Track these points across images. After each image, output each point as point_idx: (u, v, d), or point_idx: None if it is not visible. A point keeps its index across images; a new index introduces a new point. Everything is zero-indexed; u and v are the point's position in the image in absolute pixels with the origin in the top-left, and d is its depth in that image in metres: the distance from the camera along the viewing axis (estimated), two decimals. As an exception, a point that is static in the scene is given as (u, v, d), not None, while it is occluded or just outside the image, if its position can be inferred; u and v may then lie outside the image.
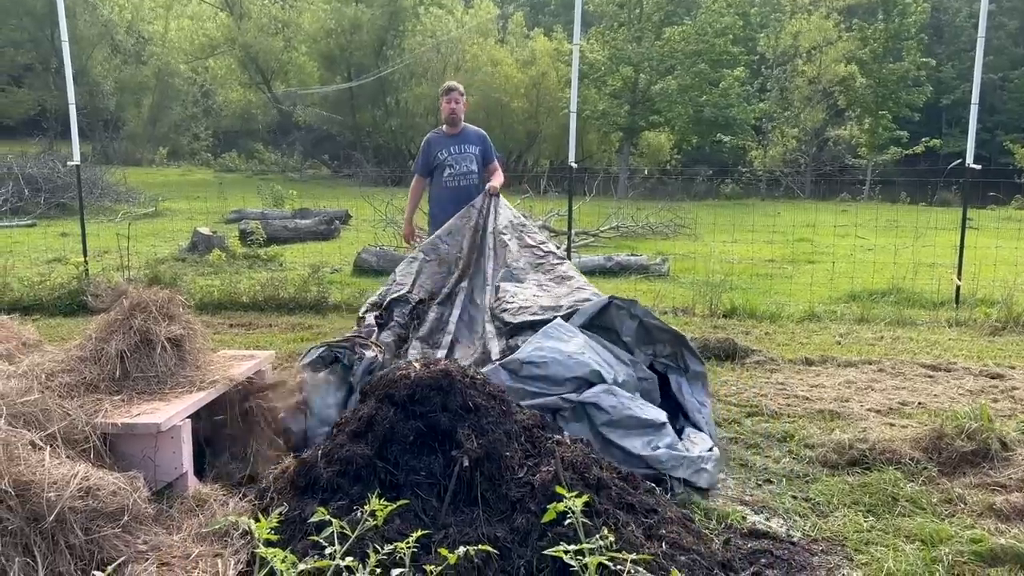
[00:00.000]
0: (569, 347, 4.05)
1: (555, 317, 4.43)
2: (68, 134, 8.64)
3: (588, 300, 4.66)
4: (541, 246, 5.34)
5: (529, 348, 4.06)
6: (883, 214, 15.78)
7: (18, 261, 10.35)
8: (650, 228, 15.20)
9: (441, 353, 4.60)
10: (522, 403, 3.54)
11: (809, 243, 13.27)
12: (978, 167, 7.81)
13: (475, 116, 31.49)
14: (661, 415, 3.93)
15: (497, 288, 4.97)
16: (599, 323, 4.44)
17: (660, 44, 28.46)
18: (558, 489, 2.02)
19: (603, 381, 3.92)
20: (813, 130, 30.86)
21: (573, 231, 9.28)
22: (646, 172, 28.60)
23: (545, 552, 2.16)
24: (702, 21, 27.82)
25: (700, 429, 4.12)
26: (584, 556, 1.78)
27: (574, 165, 8.31)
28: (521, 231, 5.42)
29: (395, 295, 5.01)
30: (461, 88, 6.14)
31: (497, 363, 4.05)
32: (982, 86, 7.72)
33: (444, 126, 6.13)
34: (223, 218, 15.92)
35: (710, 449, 3.89)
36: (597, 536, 1.92)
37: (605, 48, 29.01)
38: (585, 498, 2.01)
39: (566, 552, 1.80)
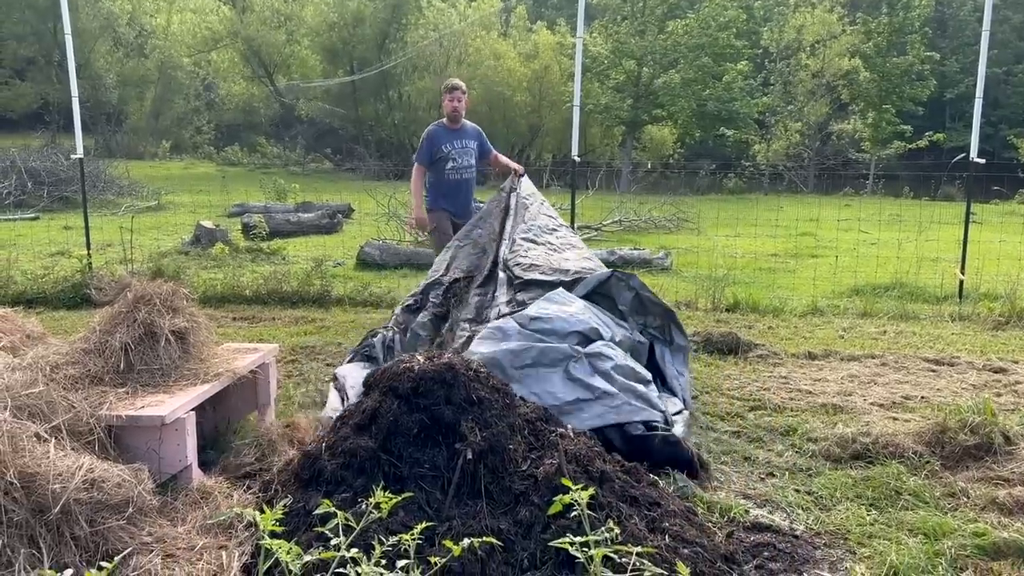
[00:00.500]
0: (570, 309, 4.49)
1: (562, 281, 4.90)
2: (71, 127, 8.64)
3: (593, 269, 5.17)
4: (557, 218, 5.99)
5: (535, 308, 4.47)
6: (886, 208, 15.76)
7: (21, 254, 10.36)
8: (653, 222, 15.19)
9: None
10: (535, 346, 4.12)
11: (812, 237, 13.25)
12: (982, 161, 7.79)
13: (477, 109, 31.44)
14: (648, 374, 4.36)
15: (514, 241, 5.46)
16: (600, 292, 4.94)
17: (663, 37, 28.39)
18: (564, 481, 2.02)
19: (601, 338, 4.36)
20: (816, 124, 30.78)
21: (576, 225, 9.26)
22: (649, 166, 28.55)
23: (551, 544, 2.16)
24: (705, 14, 27.73)
25: (675, 395, 4.55)
26: (590, 548, 1.78)
27: (577, 159, 8.29)
28: (542, 202, 6.06)
29: (429, 280, 5.49)
30: (464, 87, 6.45)
31: (508, 316, 4.44)
32: (986, 80, 7.69)
33: (445, 120, 6.39)
34: (226, 212, 15.92)
35: (679, 411, 4.32)
36: (603, 528, 1.92)
37: (608, 41, 28.95)
38: (591, 491, 2.01)
39: (572, 544, 1.81)
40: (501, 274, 5.19)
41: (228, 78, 36.48)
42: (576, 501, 1.85)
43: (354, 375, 4.51)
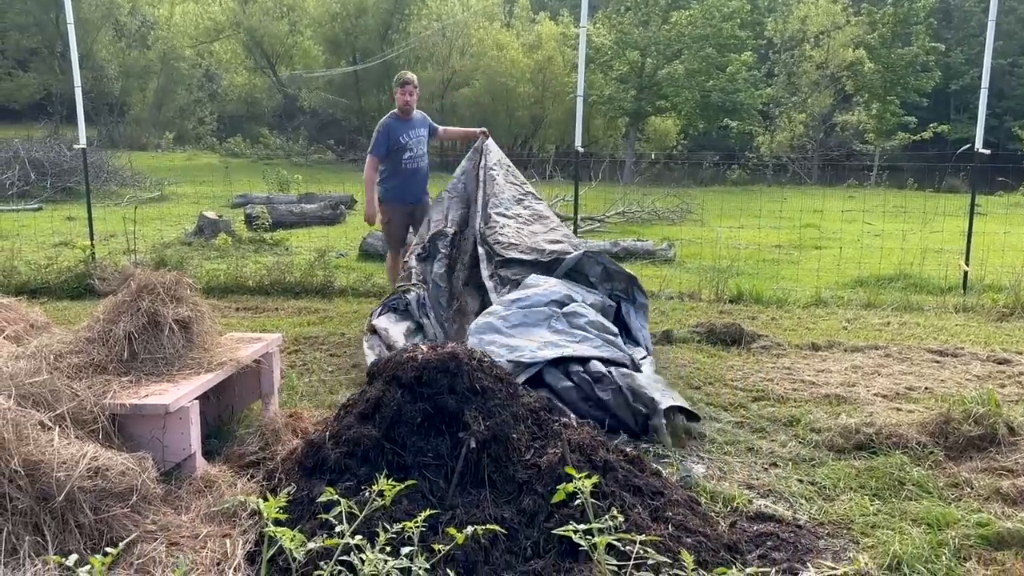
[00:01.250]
0: (545, 286, 5.43)
1: (539, 261, 5.79)
2: (73, 118, 8.64)
3: (561, 241, 6.02)
4: (523, 185, 6.62)
5: (515, 294, 5.34)
6: (890, 200, 15.71)
7: (25, 245, 10.36)
8: (656, 214, 15.17)
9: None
10: (521, 311, 5.07)
11: (816, 229, 13.23)
12: (987, 152, 7.76)
13: (481, 101, 31.46)
14: (616, 329, 5.26)
15: (489, 216, 6.18)
16: (575, 270, 5.84)
17: (667, 28, 28.29)
18: (568, 470, 2.02)
19: (574, 301, 5.32)
20: (820, 115, 30.68)
21: (579, 217, 9.25)
22: (652, 157, 28.48)
23: (555, 532, 2.16)
24: (709, 5, 27.61)
25: (639, 344, 5.45)
26: (593, 536, 1.78)
27: (581, 150, 8.26)
28: (507, 169, 6.66)
29: (434, 231, 6.23)
30: (415, 81, 6.73)
31: (494, 305, 5.28)
32: (993, 72, 7.65)
33: (397, 111, 6.66)
34: (229, 202, 15.91)
35: (644, 357, 5.23)
36: (606, 517, 1.92)
37: (611, 32, 28.85)
38: (594, 479, 2.01)
39: (575, 532, 1.80)
40: (481, 249, 5.98)
41: (230, 69, 36.40)
42: (580, 489, 1.85)
43: (395, 328, 5.42)
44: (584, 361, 4.69)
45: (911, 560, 3.00)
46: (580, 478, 1.90)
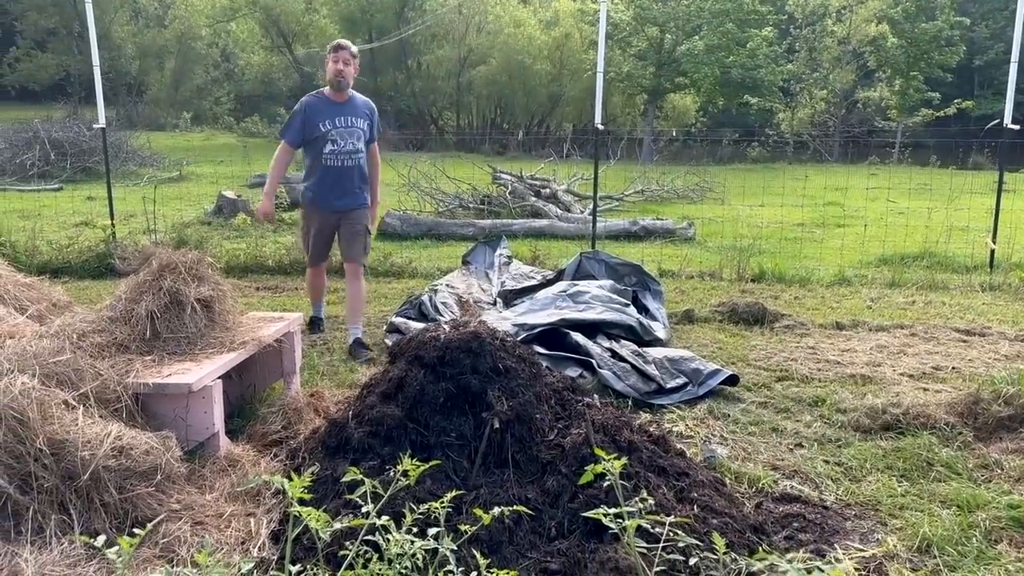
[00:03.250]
0: (546, 291, 5.82)
1: (546, 278, 6.46)
2: (92, 98, 8.64)
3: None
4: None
5: (520, 307, 5.66)
6: (914, 177, 15.49)
7: (46, 224, 10.43)
8: (675, 192, 15.03)
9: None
10: (530, 305, 5.59)
11: (839, 207, 13.06)
12: (1017, 127, 7.60)
13: (497, 79, 31.28)
14: (625, 300, 5.66)
15: (503, 283, 6.59)
16: (580, 274, 6.37)
17: (686, 3, 27.93)
18: (596, 451, 1.99)
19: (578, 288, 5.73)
20: (842, 92, 30.25)
21: (598, 195, 9.18)
22: (674, 134, 28.21)
23: (583, 515, 2.14)
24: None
25: (656, 320, 5.74)
26: (623, 519, 1.75)
27: (601, 127, 8.16)
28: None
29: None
30: (354, 49, 5.31)
31: (503, 313, 5.62)
32: (1019, 45, 7.47)
33: (327, 89, 5.33)
34: (247, 182, 15.93)
35: (664, 327, 5.62)
36: (636, 499, 1.89)
37: (630, 8, 28.53)
38: (623, 461, 1.98)
39: (605, 515, 1.78)
40: (499, 303, 6.19)
41: (247, 48, 36.38)
42: (609, 471, 1.82)
43: (414, 324, 5.45)
44: (593, 329, 5.11)
45: (941, 542, 2.96)
46: (609, 459, 1.87)
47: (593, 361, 4.65)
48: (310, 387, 4.28)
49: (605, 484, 2.70)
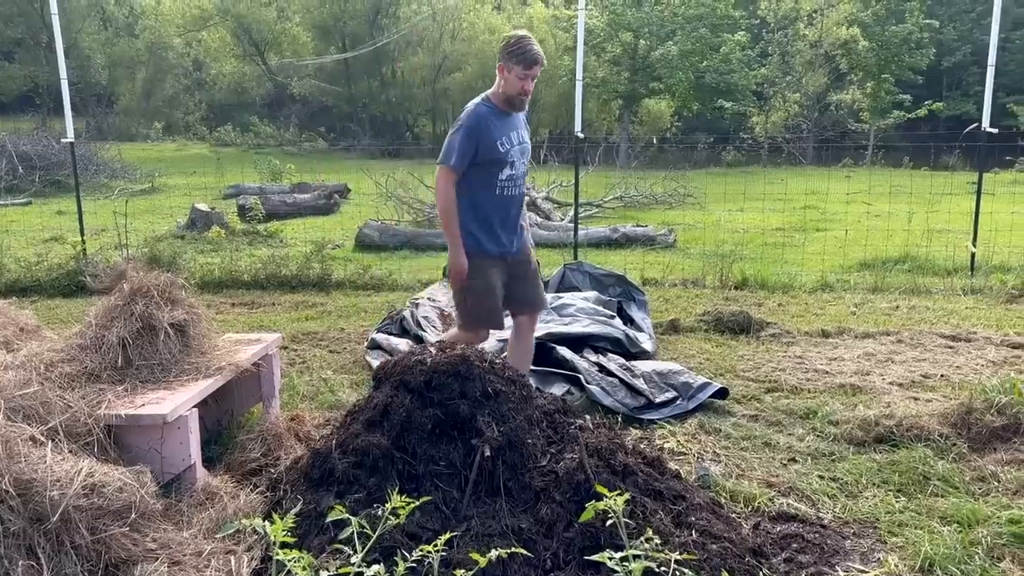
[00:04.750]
0: None
1: None
2: (61, 110, 8.42)
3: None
4: None
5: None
6: (888, 180, 15.58)
7: (14, 241, 10.19)
8: (654, 198, 15.01)
9: None
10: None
11: (817, 210, 13.09)
12: (995, 131, 7.63)
13: (473, 85, 31.13)
14: (610, 312, 5.61)
15: None
16: (564, 286, 6.29)
17: (660, 8, 28.02)
18: (598, 488, 1.89)
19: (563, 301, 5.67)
20: (815, 95, 30.48)
21: (578, 202, 9.10)
22: (652, 140, 28.26)
23: (588, 558, 2.03)
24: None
25: (642, 331, 5.63)
26: (629, 562, 1.65)
27: (580, 135, 8.08)
28: None
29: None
30: (543, 59, 4.04)
31: None
32: (984, 48, 7.50)
33: (491, 95, 4.02)
34: (221, 193, 15.71)
35: (649, 339, 5.51)
36: (642, 539, 1.79)
37: (604, 14, 28.57)
38: (626, 496, 1.88)
39: (611, 558, 1.68)
40: None
41: (219, 57, 36.02)
42: (612, 509, 1.72)
43: (396, 340, 5.46)
44: (579, 343, 5.01)
45: (943, 561, 2.89)
46: (611, 497, 1.77)
47: (581, 376, 4.56)
48: (290, 410, 4.15)
49: (601, 506, 2.60)
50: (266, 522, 2.11)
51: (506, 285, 4.10)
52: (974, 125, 7.82)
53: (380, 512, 2.23)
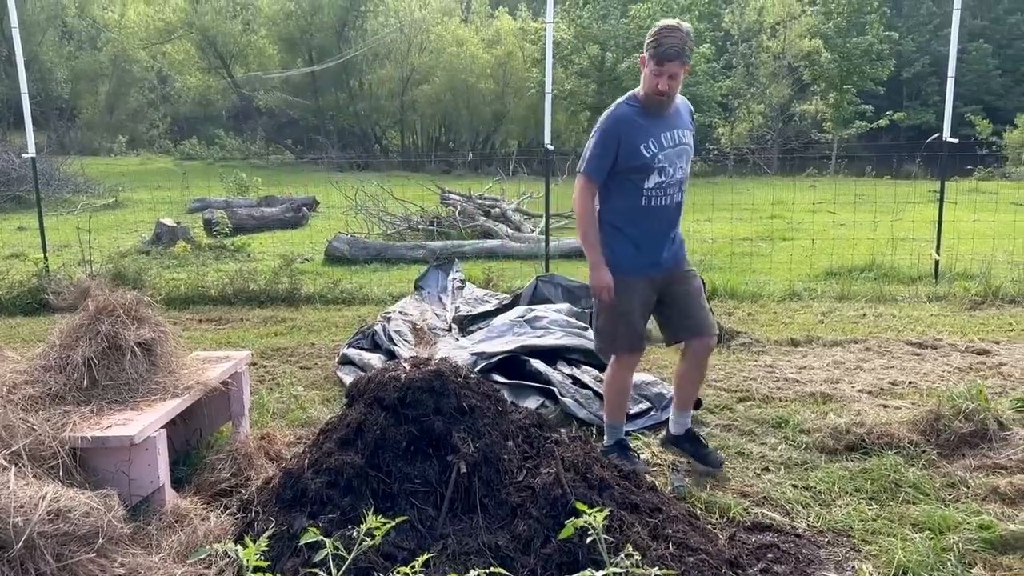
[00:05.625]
0: (502, 317, 5.65)
1: (503, 303, 6.35)
2: (22, 124, 8.26)
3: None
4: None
5: (480, 334, 5.50)
6: (852, 189, 15.83)
7: (-27, 258, 9.96)
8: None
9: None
10: (486, 334, 5.43)
11: (783, 220, 13.24)
12: (955, 141, 7.78)
13: (441, 98, 31.21)
14: (582, 324, 5.47)
15: (457, 308, 6.52)
16: (537, 299, 6.22)
17: (626, 21, 28.25)
18: (577, 505, 1.88)
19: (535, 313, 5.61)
20: (779, 106, 30.94)
21: (549, 214, 9.12)
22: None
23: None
24: (667, -3, 27.63)
25: None
26: (610, 580, 1.64)
27: (550, 147, 8.11)
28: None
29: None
30: (688, 51, 3.47)
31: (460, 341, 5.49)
32: (942, 59, 7.67)
33: (641, 97, 3.56)
34: (186, 208, 15.51)
35: None
36: (622, 555, 1.78)
37: (571, 26, 28.75)
38: (605, 512, 1.87)
39: (591, 577, 1.66)
40: (454, 329, 6.04)
41: (184, 70, 35.64)
42: (592, 526, 1.71)
43: (368, 355, 5.40)
44: (552, 355, 4.98)
45: (916, 568, 2.92)
46: (591, 514, 1.76)
47: (555, 389, 4.55)
48: (260, 429, 4.09)
49: (580, 522, 2.59)
50: (238, 545, 2.07)
51: (659, 307, 3.70)
52: (935, 136, 7.97)
53: (355, 533, 2.20)
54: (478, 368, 4.66)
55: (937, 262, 8.08)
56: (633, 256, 3.61)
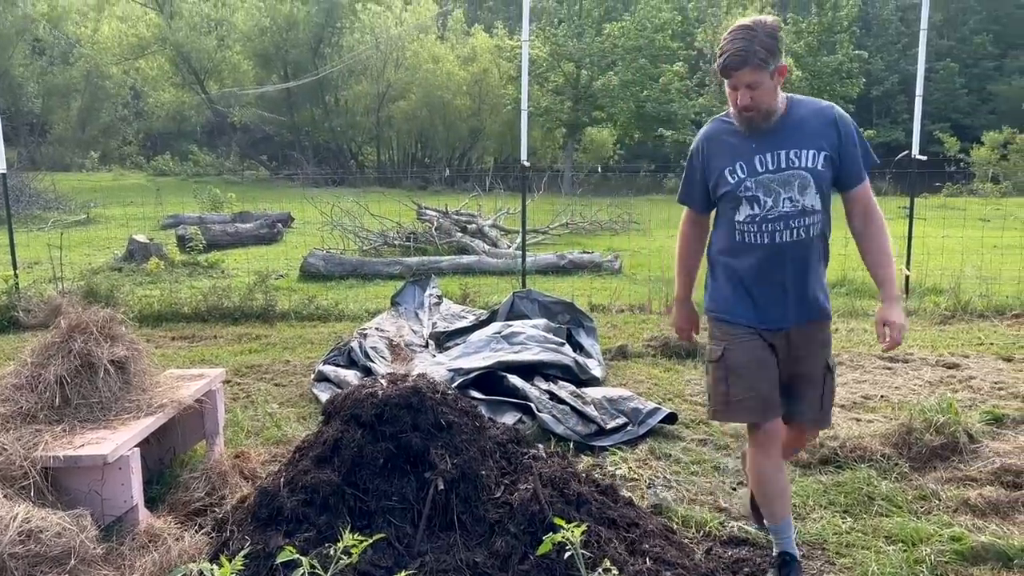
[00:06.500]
0: (480, 333, 5.69)
1: (479, 319, 6.36)
2: (-9, 140, 8.15)
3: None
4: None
5: (457, 350, 5.53)
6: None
7: (-59, 275, 9.78)
8: (599, 224, 15.19)
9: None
10: (463, 350, 5.46)
11: (756, 235, 13.35)
12: (924, 158, 7.93)
13: (418, 114, 31.26)
14: (559, 339, 5.64)
15: (435, 324, 6.56)
16: (514, 314, 6.25)
17: (600, 40, 28.58)
18: (555, 520, 1.88)
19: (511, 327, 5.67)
20: (752, 123, 31.27)
21: (526, 229, 9.16)
22: (598, 169, 28.66)
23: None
24: (641, 16, 28.01)
25: (592, 357, 5.73)
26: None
27: (527, 164, 8.14)
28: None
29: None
30: (764, 50, 2.66)
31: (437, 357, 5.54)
32: (910, 78, 7.84)
33: (736, 115, 2.82)
34: (159, 224, 15.37)
35: (599, 364, 5.63)
36: (599, 570, 1.78)
37: (546, 44, 29.01)
38: (583, 527, 1.88)
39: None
40: (431, 345, 6.09)
41: (157, 86, 35.43)
42: (570, 542, 1.72)
43: (344, 371, 5.35)
44: (529, 370, 5.02)
45: (890, 580, 2.95)
46: (569, 529, 1.76)
47: (532, 405, 4.55)
48: (234, 447, 4.05)
49: (558, 538, 2.60)
50: (213, 565, 2.05)
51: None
52: (904, 153, 8.12)
53: (332, 551, 2.19)
54: (455, 384, 4.66)
55: (907, 277, 8.20)
56: (730, 299, 2.94)
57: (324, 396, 4.88)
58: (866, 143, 2.90)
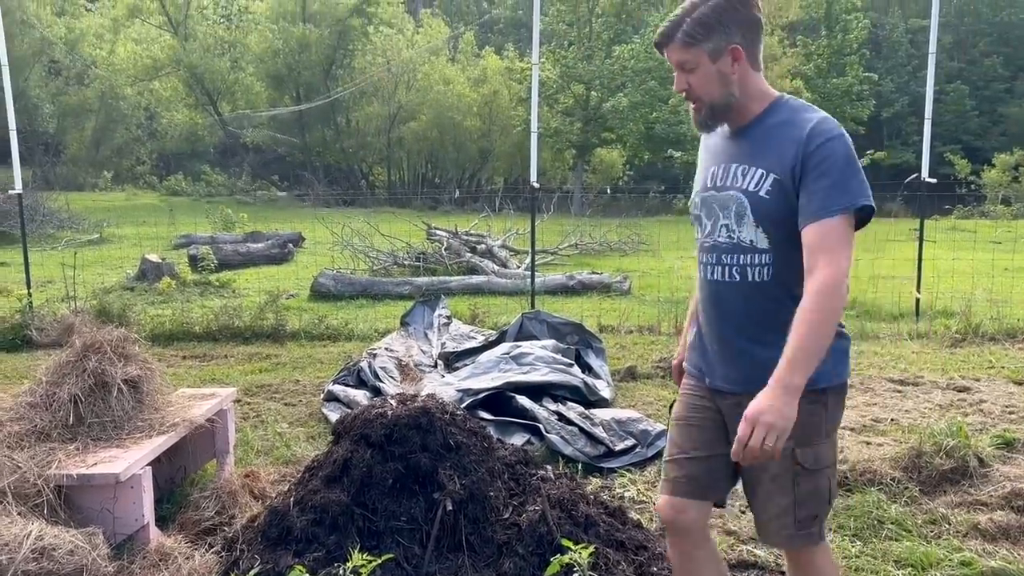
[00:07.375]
0: (488, 354, 5.68)
1: (489, 340, 6.41)
2: (7, 159, 8.27)
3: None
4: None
5: (466, 370, 5.52)
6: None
7: (-44, 294, 9.89)
8: (608, 245, 15.22)
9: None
10: (472, 370, 5.42)
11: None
12: (934, 180, 7.94)
13: (428, 135, 31.46)
14: (568, 360, 5.62)
15: (443, 344, 6.57)
16: (523, 335, 6.29)
17: (610, 62, 28.76)
18: (563, 541, 1.90)
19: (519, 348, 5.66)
20: (761, 145, 31.33)
21: (535, 250, 9.20)
22: (607, 190, 28.71)
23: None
24: (650, 39, 28.13)
25: (600, 378, 5.70)
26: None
27: (536, 185, 8.20)
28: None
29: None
30: (691, 27, 2.14)
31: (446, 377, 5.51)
32: (920, 99, 7.87)
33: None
34: (171, 243, 15.50)
35: (608, 386, 5.58)
36: (607, 593, 1.79)
37: (556, 66, 29.23)
38: (591, 549, 1.89)
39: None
40: (440, 366, 6.07)
41: (171, 107, 35.82)
42: (577, 563, 1.73)
43: (354, 391, 5.38)
44: (538, 391, 5.04)
45: (900, 606, 2.94)
46: (576, 550, 1.78)
47: (540, 426, 4.56)
48: (244, 466, 4.08)
49: (566, 559, 2.60)
50: (225, 584, 2.07)
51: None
52: (914, 176, 8.13)
53: (341, 571, 2.21)
54: (464, 404, 4.67)
55: (918, 300, 8.19)
56: (693, 342, 2.42)
57: (334, 416, 4.91)
58: (851, 176, 2.02)
